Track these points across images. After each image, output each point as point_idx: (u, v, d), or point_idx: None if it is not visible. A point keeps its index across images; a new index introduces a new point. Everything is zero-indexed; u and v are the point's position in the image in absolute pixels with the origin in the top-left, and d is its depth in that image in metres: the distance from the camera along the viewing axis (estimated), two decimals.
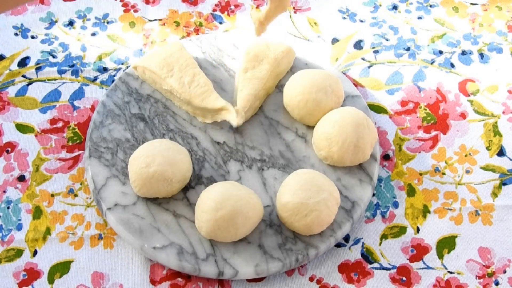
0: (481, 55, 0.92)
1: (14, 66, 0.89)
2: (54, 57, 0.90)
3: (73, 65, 0.89)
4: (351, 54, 0.92)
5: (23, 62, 0.89)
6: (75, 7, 0.95)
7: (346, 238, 0.78)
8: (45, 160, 0.82)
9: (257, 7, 0.96)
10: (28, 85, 0.87)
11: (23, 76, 0.88)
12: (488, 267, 0.77)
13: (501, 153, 0.84)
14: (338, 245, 0.77)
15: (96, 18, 0.94)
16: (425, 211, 0.80)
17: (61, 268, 0.75)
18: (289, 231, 0.75)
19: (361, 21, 0.95)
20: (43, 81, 0.88)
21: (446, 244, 0.78)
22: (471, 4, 0.97)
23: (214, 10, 0.95)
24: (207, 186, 0.76)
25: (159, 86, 0.84)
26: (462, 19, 0.95)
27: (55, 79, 0.88)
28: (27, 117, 0.85)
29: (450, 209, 0.80)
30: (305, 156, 0.81)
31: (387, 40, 0.93)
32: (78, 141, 0.83)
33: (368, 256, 0.77)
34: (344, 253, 0.77)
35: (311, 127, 0.82)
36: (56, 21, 0.93)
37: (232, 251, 0.74)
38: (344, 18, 0.95)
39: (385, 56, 0.91)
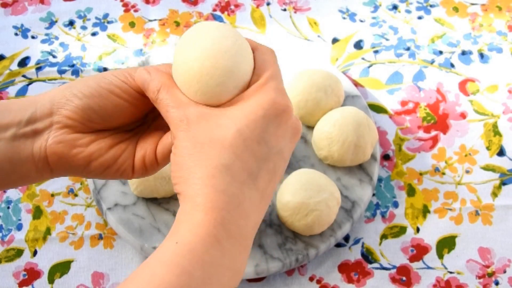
0: (481, 55, 0.92)
1: (14, 66, 0.89)
2: (54, 57, 0.90)
3: (73, 65, 0.89)
4: (351, 54, 0.92)
5: (23, 62, 0.89)
6: (75, 7, 0.95)
7: (346, 238, 0.78)
8: None
9: (257, 6, 0.96)
10: (28, 85, 0.87)
11: (23, 76, 0.88)
12: (488, 267, 0.77)
13: (501, 153, 0.84)
14: (338, 245, 0.78)
15: (96, 18, 0.94)
16: (425, 211, 0.80)
17: (61, 268, 0.75)
18: (289, 231, 0.75)
19: (361, 21, 0.95)
20: (43, 81, 0.88)
21: (446, 244, 0.78)
22: (471, 4, 0.97)
23: (214, 10, 0.95)
24: None
25: None
26: (462, 19, 0.95)
27: (55, 79, 0.88)
28: None
29: (450, 209, 0.80)
30: (305, 156, 0.81)
31: (387, 40, 0.93)
32: None
33: (368, 256, 0.77)
34: (344, 253, 0.77)
35: (311, 127, 0.82)
36: (56, 21, 0.93)
37: None
38: (344, 18, 0.95)
39: (385, 56, 0.91)
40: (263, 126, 0.47)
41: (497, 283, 0.76)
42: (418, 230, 0.79)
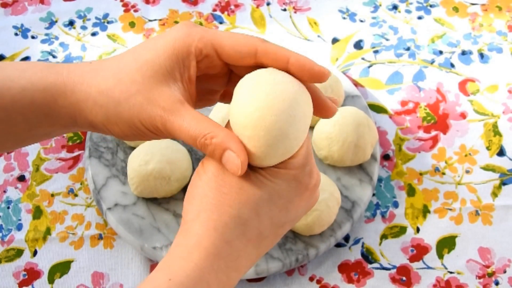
0: (481, 55, 0.92)
1: None
2: (54, 57, 0.90)
3: None
4: (351, 54, 0.92)
5: None
6: (75, 7, 0.95)
7: (346, 238, 0.78)
8: (45, 160, 0.82)
9: (257, 6, 0.96)
10: None
11: None
12: (488, 267, 0.77)
13: (501, 153, 0.84)
14: (338, 245, 0.77)
15: (96, 18, 0.94)
16: (425, 211, 0.80)
17: (61, 268, 0.75)
18: (289, 231, 0.75)
19: (361, 21, 0.95)
20: None
21: (446, 244, 0.78)
22: (471, 4, 0.97)
23: (214, 10, 0.95)
24: None
25: None
26: (462, 19, 0.95)
27: None
28: None
29: (450, 209, 0.80)
30: None
31: (387, 40, 0.93)
32: (78, 141, 0.83)
33: (368, 256, 0.77)
34: (344, 253, 0.77)
35: (311, 127, 0.82)
36: (56, 21, 0.93)
37: None
38: (344, 18, 0.95)
39: (385, 56, 0.91)
40: (291, 196, 0.49)
41: (497, 283, 0.76)
42: (418, 230, 0.79)
